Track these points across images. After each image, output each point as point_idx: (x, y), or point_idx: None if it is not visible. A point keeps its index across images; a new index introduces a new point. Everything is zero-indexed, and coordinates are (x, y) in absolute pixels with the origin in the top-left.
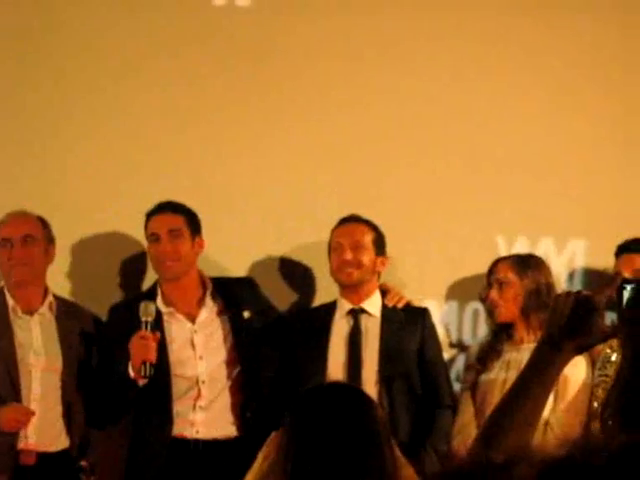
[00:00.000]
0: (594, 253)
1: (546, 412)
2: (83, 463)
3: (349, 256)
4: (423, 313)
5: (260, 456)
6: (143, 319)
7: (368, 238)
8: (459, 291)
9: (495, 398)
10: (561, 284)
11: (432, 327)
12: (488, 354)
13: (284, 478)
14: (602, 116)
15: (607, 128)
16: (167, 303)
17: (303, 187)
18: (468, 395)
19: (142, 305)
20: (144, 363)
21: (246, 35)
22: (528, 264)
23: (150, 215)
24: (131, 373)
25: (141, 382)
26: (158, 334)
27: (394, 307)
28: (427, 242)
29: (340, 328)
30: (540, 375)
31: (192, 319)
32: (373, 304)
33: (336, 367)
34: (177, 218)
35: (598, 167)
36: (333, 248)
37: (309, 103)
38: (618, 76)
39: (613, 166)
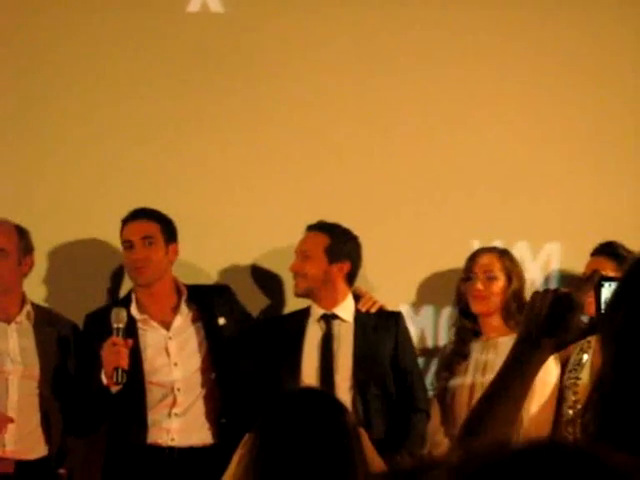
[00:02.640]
0: (569, 257)
1: None
2: (61, 471)
3: (295, 267)
4: (396, 317)
5: (234, 459)
6: (114, 325)
7: (318, 247)
8: (435, 296)
9: (462, 399)
10: (537, 288)
11: (405, 331)
12: (454, 359)
13: None
14: (576, 122)
15: (581, 134)
16: (141, 310)
17: (277, 192)
18: (435, 402)
19: (113, 311)
20: (116, 369)
21: (220, 42)
22: (510, 257)
23: (124, 222)
24: (104, 380)
25: (114, 389)
26: (130, 340)
27: (367, 312)
28: (402, 246)
29: (313, 334)
30: (519, 373)
31: (167, 326)
32: (346, 309)
33: (309, 373)
34: (151, 225)
35: (572, 171)
36: None
37: (283, 108)
38: (592, 84)
39: (587, 170)
